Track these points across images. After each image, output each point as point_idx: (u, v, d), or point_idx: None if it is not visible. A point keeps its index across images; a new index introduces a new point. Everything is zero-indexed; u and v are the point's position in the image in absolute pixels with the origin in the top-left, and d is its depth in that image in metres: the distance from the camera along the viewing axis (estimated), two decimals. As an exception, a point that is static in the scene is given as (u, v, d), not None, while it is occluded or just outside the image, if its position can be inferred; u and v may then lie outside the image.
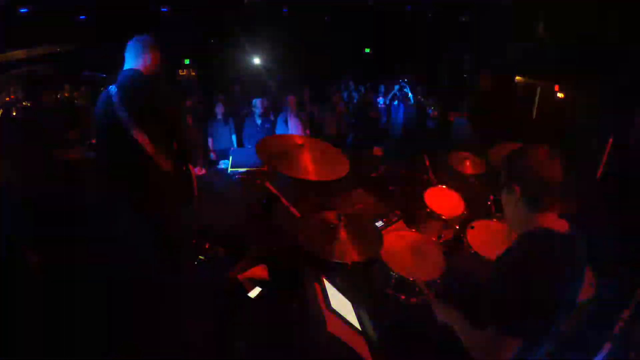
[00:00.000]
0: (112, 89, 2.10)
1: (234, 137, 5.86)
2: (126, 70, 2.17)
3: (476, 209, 2.91)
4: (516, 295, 1.19)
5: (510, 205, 1.35)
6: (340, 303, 1.86)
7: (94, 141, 2.83)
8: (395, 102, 6.66)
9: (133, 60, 2.17)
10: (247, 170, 4.65)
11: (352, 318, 1.79)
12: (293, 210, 2.15)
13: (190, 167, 2.47)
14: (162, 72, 2.30)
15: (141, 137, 2.07)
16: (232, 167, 4.78)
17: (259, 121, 5.66)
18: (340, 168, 2.17)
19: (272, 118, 5.93)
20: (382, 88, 7.51)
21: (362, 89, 7.77)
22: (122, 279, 3.10)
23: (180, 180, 2.31)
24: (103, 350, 2.36)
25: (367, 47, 12.58)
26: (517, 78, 8.17)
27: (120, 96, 2.06)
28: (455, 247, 2.77)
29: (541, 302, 1.19)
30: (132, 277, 3.13)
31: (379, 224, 2.99)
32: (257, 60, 11.17)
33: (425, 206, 2.98)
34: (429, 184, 3.26)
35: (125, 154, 2.12)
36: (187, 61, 14.01)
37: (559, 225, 1.29)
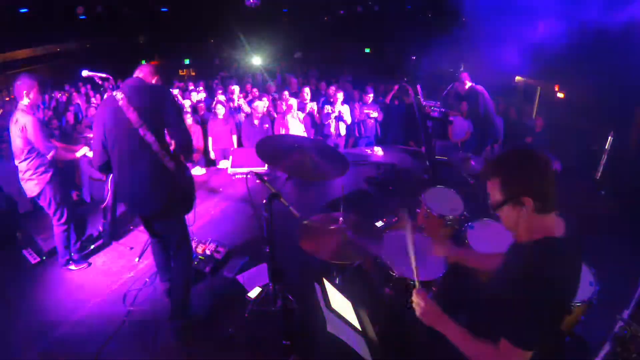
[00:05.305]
0: (118, 94, 2.20)
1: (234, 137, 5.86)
2: (130, 78, 2.30)
3: (476, 209, 2.90)
4: (537, 310, 1.18)
5: (516, 217, 1.30)
6: (340, 303, 1.86)
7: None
8: (396, 102, 6.64)
9: (139, 73, 2.35)
10: (247, 170, 4.66)
11: (352, 318, 1.79)
12: (293, 210, 2.14)
13: (189, 166, 2.49)
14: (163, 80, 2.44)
15: (149, 136, 2.15)
16: (232, 167, 4.78)
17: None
18: (340, 168, 2.17)
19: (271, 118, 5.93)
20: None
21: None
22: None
23: (184, 180, 2.34)
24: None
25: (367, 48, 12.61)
26: (517, 78, 8.18)
27: (128, 99, 2.16)
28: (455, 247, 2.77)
29: (561, 310, 1.20)
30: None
31: (379, 224, 2.99)
32: (257, 61, 11.16)
33: (426, 206, 2.98)
34: (429, 184, 3.26)
35: (134, 153, 2.19)
36: (187, 61, 14.04)
37: (559, 226, 1.30)
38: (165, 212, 2.30)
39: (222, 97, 6.61)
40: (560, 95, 7.12)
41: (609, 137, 4.19)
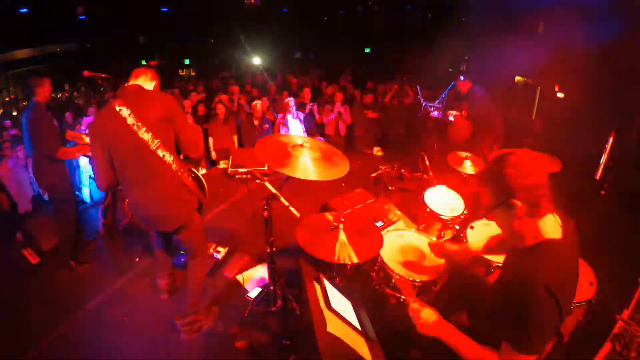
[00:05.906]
0: (123, 110, 1.98)
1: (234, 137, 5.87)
2: (129, 86, 2.13)
3: (476, 209, 2.90)
4: (535, 314, 1.18)
5: (510, 221, 1.30)
6: (340, 303, 1.86)
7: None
8: (395, 102, 6.65)
9: (137, 79, 2.19)
10: (247, 170, 4.66)
11: (352, 318, 1.79)
12: (293, 210, 2.14)
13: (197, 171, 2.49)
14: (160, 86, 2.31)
15: (166, 156, 2.07)
16: (232, 167, 4.78)
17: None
18: (340, 168, 2.16)
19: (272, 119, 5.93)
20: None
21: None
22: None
23: (200, 192, 2.33)
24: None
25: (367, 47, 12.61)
26: (517, 78, 8.18)
27: (137, 116, 1.99)
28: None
29: (559, 313, 1.20)
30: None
31: (379, 224, 2.99)
32: (257, 61, 11.16)
33: (426, 206, 2.98)
34: (429, 184, 3.26)
35: (150, 173, 2.09)
36: (186, 61, 14.04)
37: (555, 228, 1.30)
38: (186, 226, 2.29)
39: (222, 97, 6.62)
40: (560, 95, 7.11)
41: (610, 137, 4.18)
